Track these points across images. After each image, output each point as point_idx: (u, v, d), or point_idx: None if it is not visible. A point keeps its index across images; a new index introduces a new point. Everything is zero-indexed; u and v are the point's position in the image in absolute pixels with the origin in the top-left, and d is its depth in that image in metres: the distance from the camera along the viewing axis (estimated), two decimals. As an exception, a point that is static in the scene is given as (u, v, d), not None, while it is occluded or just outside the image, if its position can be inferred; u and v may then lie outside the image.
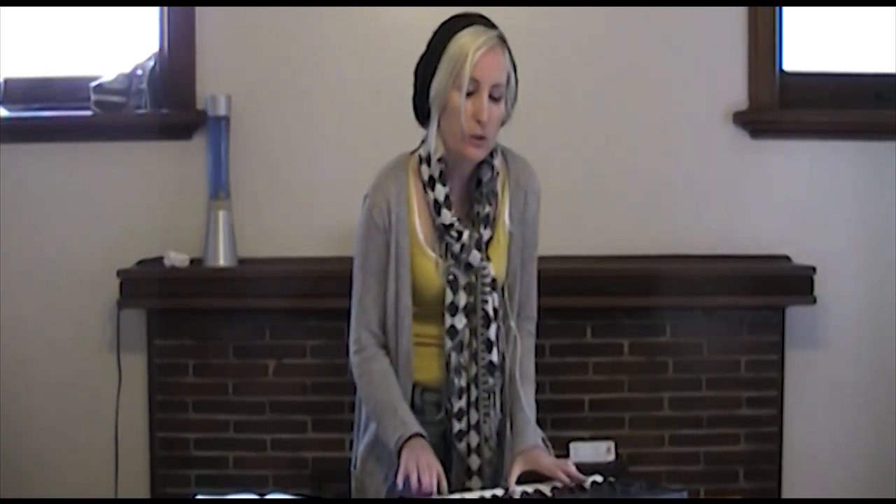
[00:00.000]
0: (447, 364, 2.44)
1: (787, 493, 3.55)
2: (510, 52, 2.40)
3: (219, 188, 3.47)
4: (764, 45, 3.55)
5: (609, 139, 3.58)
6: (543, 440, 2.45)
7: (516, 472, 2.36)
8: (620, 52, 3.56)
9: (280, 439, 3.47)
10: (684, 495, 2.28)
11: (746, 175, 3.60)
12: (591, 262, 3.53)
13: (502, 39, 2.38)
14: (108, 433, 3.48)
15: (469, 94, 2.33)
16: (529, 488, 2.29)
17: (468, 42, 2.32)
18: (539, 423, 2.49)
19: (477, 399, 2.44)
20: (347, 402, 3.13)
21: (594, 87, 3.57)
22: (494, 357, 2.45)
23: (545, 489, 2.27)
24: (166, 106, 3.55)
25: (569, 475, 2.31)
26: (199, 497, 2.28)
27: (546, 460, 2.37)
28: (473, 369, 2.44)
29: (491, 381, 2.45)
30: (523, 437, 2.42)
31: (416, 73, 2.42)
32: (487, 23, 2.38)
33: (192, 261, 3.47)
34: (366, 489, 2.51)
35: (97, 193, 3.56)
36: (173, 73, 3.54)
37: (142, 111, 3.53)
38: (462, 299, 2.43)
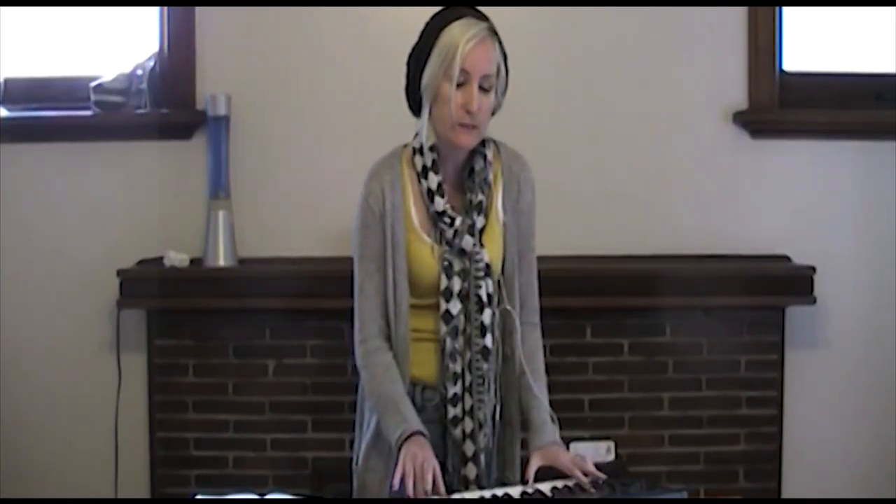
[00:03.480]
0: (442, 349, 2.45)
1: (787, 493, 3.55)
2: (501, 44, 2.42)
3: (219, 188, 3.47)
4: (764, 45, 3.55)
5: (609, 139, 3.58)
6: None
7: (534, 467, 2.38)
8: (620, 53, 3.56)
9: (280, 439, 3.47)
10: (684, 495, 2.28)
11: (746, 175, 3.60)
12: (590, 262, 3.53)
13: (492, 31, 2.41)
14: (108, 433, 3.48)
15: (459, 85, 2.36)
16: (530, 488, 2.29)
17: (458, 33, 2.36)
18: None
19: (471, 384, 2.46)
20: (347, 402, 3.14)
21: (594, 87, 3.57)
22: (488, 342, 2.47)
23: (545, 489, 2.27)
24: (166, 106, 3.55)
25: (586, 473, 2.33)
26: (198, 497, 2.28)
27: (564, 457, 2.39)
28: (468, 354, 2.46)
29: (485, 366, 2.47)
30: (541, 434, 2.44)
31: (408, 63, 2.45)
32: (478, 14, 2.42)
33: (191, 261, 3.47)
34: (367, 486, 2.51)
35: (97, 193, 3.56)
36: (173, 73, 3.54)
37: (142, 111, 3.53)
38: (457, 284, 2.45)
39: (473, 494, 2.28)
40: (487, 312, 2.46)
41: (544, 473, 2.38)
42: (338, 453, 3.39)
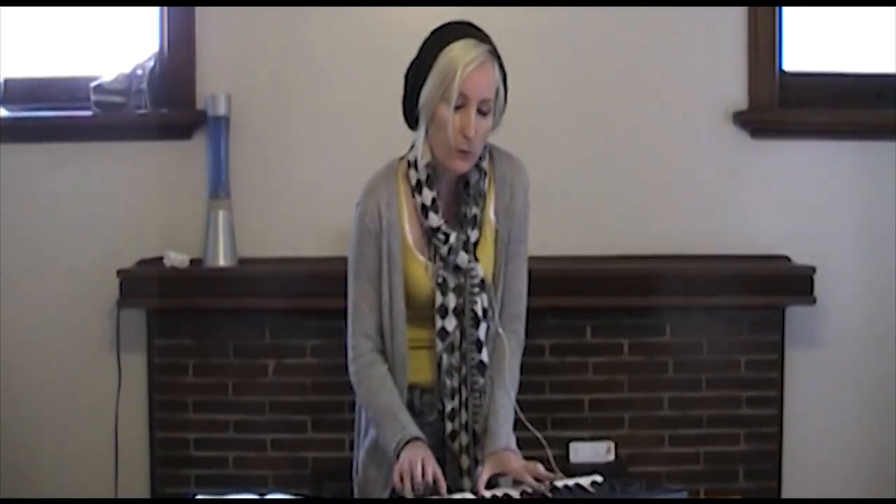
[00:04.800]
0: (439, 365, 2.45)
1: (787, 493, 3.55)
2: (501, 64, 2.39)
3: (218, 188, 3.47)
4: (764, 45, 3.55)
5: (609, 139, 3.58)
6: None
7: (486, 474, 2.35)
8: (620, 52, 3.56)
9: (280, 439, 3.47)
10: (684, 495, 2.28)
11: (746, 175, 3.60)
12: (591, 261, 3.53)
13: (492, 53, 2.37)
14: (108, 433, 3.48)
15: (457, 108, 2.33)
16: (529, 487, 2.29)
17: (458, 56, 2.32)
18: (535, 423, 2.48)
19: (467, 399, 2.45)
20: (347, 402, 3.14)
21: (594, 87, 3.57)
22: (484, 357, 2.46)
23: (544, 488, 2.27)
24: (166, 106, 3.55)
25: (536, 476, 2.29)
26: (198, 497, 2.28)
27: (515, 463, 2.36)
28: (464, 370, 2.45)
29: (481, 380, 2.47)
30: (494, 440, 2.41)
31: (406, 78, 2.43)
32: (479, 35, 2.37)
33: (191, 261, 3.47)
34: (368, 495, 2.51)
35: (97, 193, 3.56)
36: (173, 73, 3.54)
37: (142, 111, 3.53)
38: (451, 301, 2.44)
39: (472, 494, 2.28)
40: (483, 327, 2.45)
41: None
42: (338, 453, 3.39)
